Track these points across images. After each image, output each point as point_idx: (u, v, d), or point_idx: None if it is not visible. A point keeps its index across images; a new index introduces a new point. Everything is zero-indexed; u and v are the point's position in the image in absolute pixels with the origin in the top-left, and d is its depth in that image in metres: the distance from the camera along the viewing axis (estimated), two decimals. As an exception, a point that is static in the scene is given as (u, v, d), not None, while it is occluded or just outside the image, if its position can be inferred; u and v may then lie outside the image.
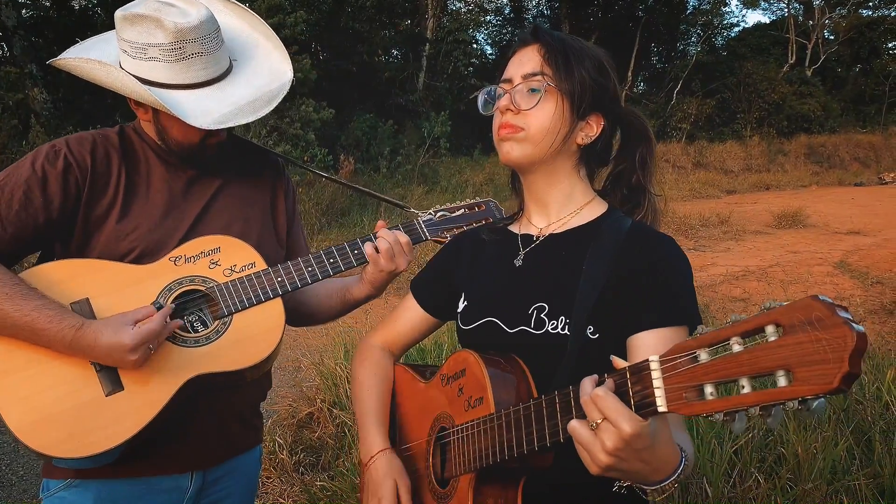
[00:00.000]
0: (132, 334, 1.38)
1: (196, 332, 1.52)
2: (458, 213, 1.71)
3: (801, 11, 33.98)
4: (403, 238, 1.65)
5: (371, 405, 1.49)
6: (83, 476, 1.54)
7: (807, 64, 31.74)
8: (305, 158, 13.46)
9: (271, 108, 1.53)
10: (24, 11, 15.80)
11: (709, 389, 0.81)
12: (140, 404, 1.44)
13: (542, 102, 1.28)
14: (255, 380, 1.65)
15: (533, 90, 1.29)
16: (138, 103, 1.56)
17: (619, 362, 0.96)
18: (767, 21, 37.18)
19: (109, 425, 1.42)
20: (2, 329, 1.40)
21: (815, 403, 0.73)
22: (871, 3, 33.06)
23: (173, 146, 1.60)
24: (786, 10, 33.83)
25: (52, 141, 1.58)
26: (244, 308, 1.55)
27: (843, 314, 0.70)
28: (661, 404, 0.87)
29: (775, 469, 3.09)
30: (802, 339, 0.72)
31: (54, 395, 1.43)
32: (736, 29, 37.16)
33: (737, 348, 0.79)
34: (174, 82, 1.49)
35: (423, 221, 1.71)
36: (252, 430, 1.78)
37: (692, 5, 31.84)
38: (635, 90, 31.62)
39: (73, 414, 1.42)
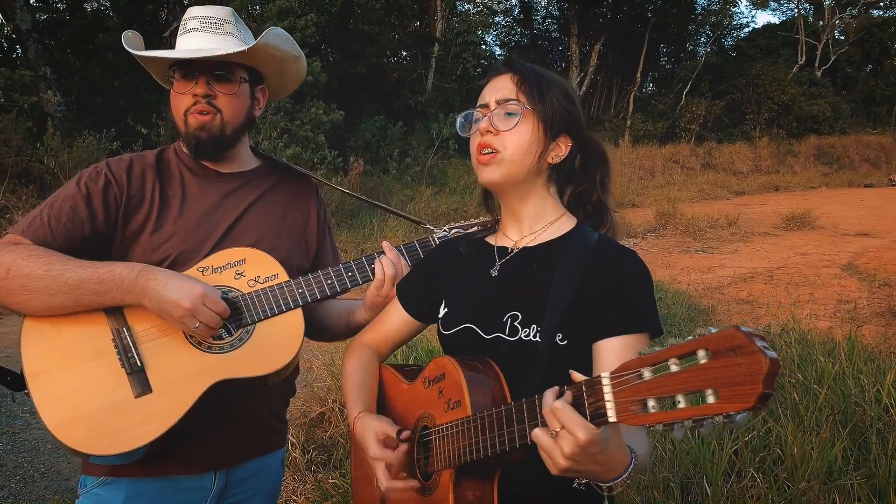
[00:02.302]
0: (203, 286, 1.53)
1: (221, 339, 1.62)
2: (472, 229, 1.77)
3: (811, 12, 33.91)
4: (403, 264, 1.75)
5: (351, 388, 1.62)
6: (115, 474, 1.65)
7: (817, 64, 31.68)
8: (315, 160, 13.58)
9: (184, 57, 1.68)
10: (37, 15, 15.98)
11: (651, 403, 0.92)
12: (167, 406, 1.54)
13: (518, 125, 1.41)
14: (276, 385, 1.75)
15: (510, 114, 1.42)
16: None
17: (576, 376, 1.06)
18: (777, 21, 37.24)
19: (138, 425, 1.52)
20: (69, 291, 1.52)
21: (739, 417, 0.83)
22: (881, 4, 32.97)
23: (181, 133, 1.75)
24: (795, 10, 33.75)
25: (96, 164, 1.74)
26: (266, 318, 1.65)
27: (759, 343, 0.81)
28: (612, 415, 0.98)
29: (773, 469, 3.18)
30: (726, 363, 0.83)
31: (87, 396, 1.53)
32: (745, 29, 37.19)
33: (674, 368, 0.89)
34: (177, 51, 1.73)
35: (438, 238, 1.79)
36: (273, 433, 1.88)
37: (701, 6, 31.86)
38: (644, 91, 31.62)
39: (104, 414, 1.53)
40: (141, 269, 1.53)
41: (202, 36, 1.71)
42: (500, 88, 1.44)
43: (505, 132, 1.41)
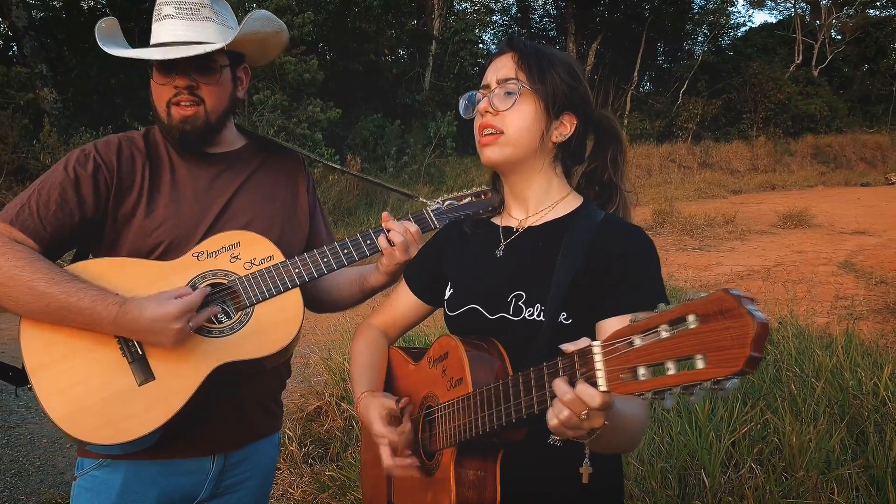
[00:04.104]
0: (176, 303, 1.48)
1: (220, 323, 1.61)
2: (465, 201, 1.77)
3: (807, 11, 33.93)
4: (413, 228, 1.73)
5: (359, 367, 1.61)
6: (113, 456, 1.64)
7: (813, 64, 31.70)
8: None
9: (169, 57, 1.60)
10: (34, 12, 15.95)
11: (641, 371, 0.91)
12: (170, 392, 1.53)
13: (517, 104, 1.39)
14: (275, 368, 1.74)
15: (509, 93, 1.40)
16: None
17: (567, 348, 1.05)
18: (774, 21, 37.21)
19: (142, 413, 1.51)
20: (51, 312, 1.49)
21: (728, 383, 0.81)
22: (878, 3, 33.03)
23: (163, 124, 1.70)
24: (792, 9, 33.80)
25: (83, 146, 1.70)
26: (265, 299, 1.64)
27: (748, 305, 0.79)
28: (602, 384, 0.98)
29: (770, 460, 3.18)
30: (715, 327, 0.81)
31: (91, 386, 1.52)
32: (742, 29, 37.33)
33: (664, 334, 0.88)
34: (152, 42, 1.68)
35: (431, 210, 1.78)
36: (271, 416, 1.88)
37: (698, 5, 31.89)
38: (641, 90, 31.63)
39: (108, 403, 1.51)
40: (117, 312, 1.48)
41: (178, 23, 1.65)
42: (501, 68, 1.42)
43: (504, 112, 1.39)
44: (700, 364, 0.82)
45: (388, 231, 1.71)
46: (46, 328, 1.54)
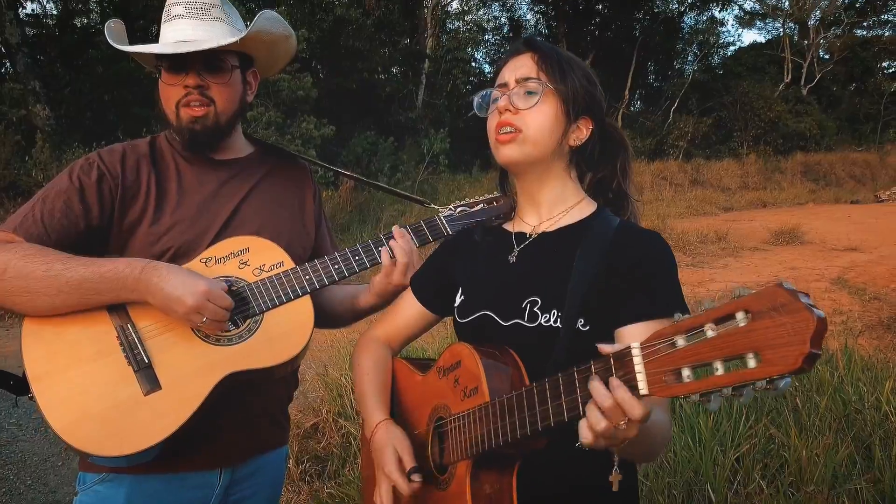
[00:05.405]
0: (207, 281, 1.46)
1: (229, 330, 1.56)
2: (477, 207, 1.74)
3: (796, 31, 34.29)
4: (415, 252, 1.70)
5: (369, 387, 1.55)
6: (117, 471, 1.59)
7: (802, 83, 31.96)
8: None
9: (178, 51, 1.59)
10: (27, 29, 15.92)
11: (686, 372, 0.87)
12: (177, 402, 1.48)
13: (539, 104, 1.37)
14: (283, 378, 1.70)
15: (530, 92, 1.38)
16: None
17: (604, 349, 1.01)
18: (763, 40, 37.60)
19: (148, 424, 1.46)
20: (70, 291, 1.45)
21: (782, 383, 0.78)
22: (864, 24, 33.44)
23: (172, 126, 1.67)
24: (781, 29, 34.16)
25: (87, 155, 1.68)
26: (275, 306, 1.60)
27: (804, 300, 0.75)
28: (643, 388, 0.93)
29: (777, 475, 3.14)
30: (769, 324, 0.77)
31: (94, 395, 1.47)
32: (732, 48, 37.61)
33: (710, 333, 0.84)
34: (162, 41, 1.65)
35: (444, 217, 1.75)
36: (279, 428, 1.83)
37: (688, 25, 32.23)
38: (632, 108, 31.84)
39: (112, 413, 1.46)
40: (144, 267, 1.47)
41: (188, 23, 1.64)
42: (520, 67, 1.40)
43: (525, 111, 1.37)
44: (752, 363, 0.79)
45: (394, 249, 1.67)
46: (49, 335, 1.50)
